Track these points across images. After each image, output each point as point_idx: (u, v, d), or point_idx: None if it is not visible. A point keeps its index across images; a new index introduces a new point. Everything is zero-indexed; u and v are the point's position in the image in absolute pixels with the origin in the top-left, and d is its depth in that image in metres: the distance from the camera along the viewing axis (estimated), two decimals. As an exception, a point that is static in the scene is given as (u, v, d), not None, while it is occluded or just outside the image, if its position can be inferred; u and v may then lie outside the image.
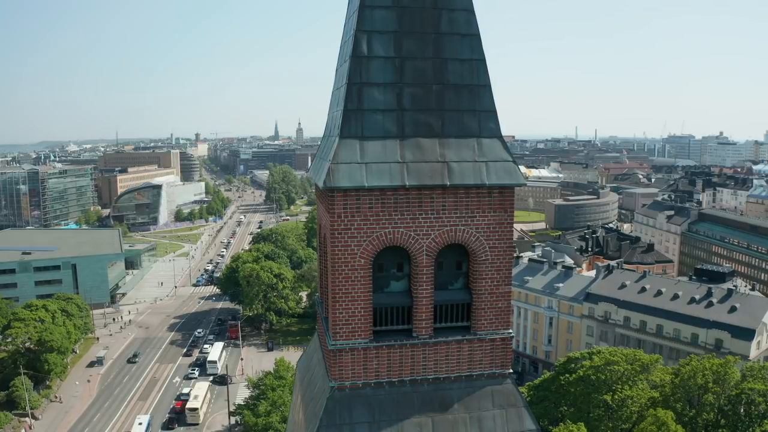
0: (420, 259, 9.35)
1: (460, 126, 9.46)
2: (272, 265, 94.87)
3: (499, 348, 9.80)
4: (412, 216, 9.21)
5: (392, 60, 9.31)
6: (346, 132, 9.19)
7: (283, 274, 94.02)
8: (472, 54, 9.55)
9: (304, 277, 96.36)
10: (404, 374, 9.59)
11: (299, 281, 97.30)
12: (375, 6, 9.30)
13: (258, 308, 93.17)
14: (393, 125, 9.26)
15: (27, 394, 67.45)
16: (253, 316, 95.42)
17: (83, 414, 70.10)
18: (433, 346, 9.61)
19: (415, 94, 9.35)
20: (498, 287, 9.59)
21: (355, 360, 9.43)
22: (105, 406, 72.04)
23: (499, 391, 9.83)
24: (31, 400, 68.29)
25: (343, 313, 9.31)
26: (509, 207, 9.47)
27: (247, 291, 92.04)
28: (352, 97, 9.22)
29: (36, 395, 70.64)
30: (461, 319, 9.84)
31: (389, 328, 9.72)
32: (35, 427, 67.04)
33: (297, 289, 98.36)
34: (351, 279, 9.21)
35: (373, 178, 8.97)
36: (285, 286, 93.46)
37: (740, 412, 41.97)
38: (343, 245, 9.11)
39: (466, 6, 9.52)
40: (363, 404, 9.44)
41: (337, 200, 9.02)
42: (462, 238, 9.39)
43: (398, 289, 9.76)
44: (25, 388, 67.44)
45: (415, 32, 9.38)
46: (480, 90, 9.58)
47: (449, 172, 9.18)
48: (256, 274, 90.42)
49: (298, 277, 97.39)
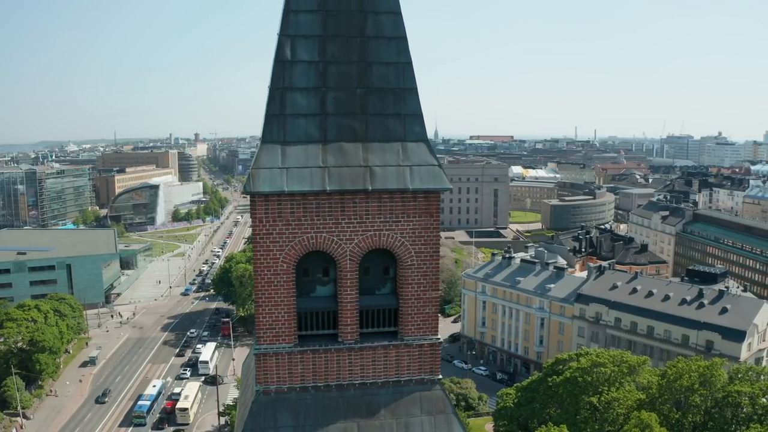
0: (344, 264, 9.32)
1: (385, 130, 9.42)
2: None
3: (427, 354, 9.76)
4: (335, 221, 9.18)
5: (316, 64, 9.28)
6: (268, 137, 9.17)
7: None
8: (398, 57, 9.49)
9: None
10: (330, 379, 9.57)
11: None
12: (300, 10, 9.27)
13: (251, 308, 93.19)
14: (316, 130, 9.24)
15: (18, 394, 67.52)
16: (246, 316, 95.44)
17: (75, 413, 70.17)
18: (359, 351, 9.58)
19: (338, 98, 9.32)
20: (425, 292, 9.55)
21: (279, 364, 9.41)
22: (97, 405, 72.08)
23: (428, 397, 9.77)
24: (22, 399, 68.37)
25: (267, 318, 9.29)
26: (435, 211, 9.42)
27: (240, 291, 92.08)
28: (275, 101, 9.20)
29: (28, 395, 70.73)
30: (389, 324, 9.81)
31: (315, 332, 9.69)
32: (26, 427, 67.10)
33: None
34: (274, 283, 9.18)
35: (293, 183, 8.94)
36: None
37: (727, 414, 41.84)
38: (265, 250, 9.08)
39: (393, 9, 9.47)
40: (288, 409, 9.42)
41: (258, 205, 9.00)
42: (387, 242, 9.35)
43: (324, 294, 9.73)
44: (16, 387, 67.51)
45: (340, 36, 9.35)
46: (406, 93, 9.52)
47: (372, 176, 9.14)
48: (249, 274, 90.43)
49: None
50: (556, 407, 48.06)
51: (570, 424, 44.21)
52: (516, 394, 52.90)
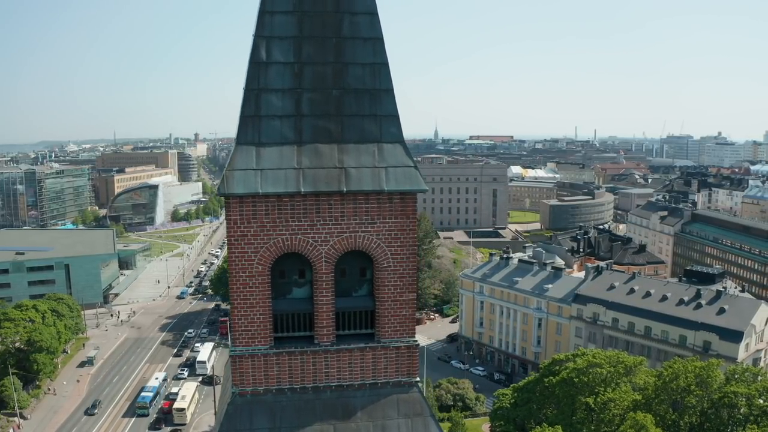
0: (319, 266, 9.28)
1: (361, 131, 9.37)
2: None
3: (404, 356, 9.72)
4: (310, 222, 9.14)
5: (291, 65, 9.24)
6: (243, 138, 9.13)
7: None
8: (374, 58, 9.44)
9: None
10: (306, 381, 9.53)
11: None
12: (275, 11, 9.22)
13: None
14: (291, 131, 9.20)
15: (16, 394, 67.52)
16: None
17: (72, 414, 70.15)
18: (335, 353, 9.54)
19: (314, 99, 9.27)
20: (402, 294, 9.50)
21: (255, 366, 9.38)
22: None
23: (405, 399, 9.73)
24: (20, 400, 68.37)
25: (243, 320, 9.26)
26: (411, 213, 9.37)
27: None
28: (250, 103, 9.16)
29: (25, 395, 70.74)
30: (365, 326, 9.76)
31: (291, 334, 9.65)
32: (24, 427, 67.07)
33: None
34: (249, 285, 9.15)
35: (268, 185, 8.90)
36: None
37: (723, 415, 41.75)
38: (240, 252, 9.05)
39: (369, 9, 9.42)
40: (264, 410, 9.38)
41: (232, 207, 8.96)
42: (362, 244, 9.31)
43: (300, 296, 9.69)
44: (14, 388, 67.52)
45: (315, 37, 9.30)
46: (382, 94, 9.47)
47: (347, 178, 9.10)
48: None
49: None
50: (553, 408, 48.00)
51: (566, 424, 44.17)
52: (512, 394, 52.86)
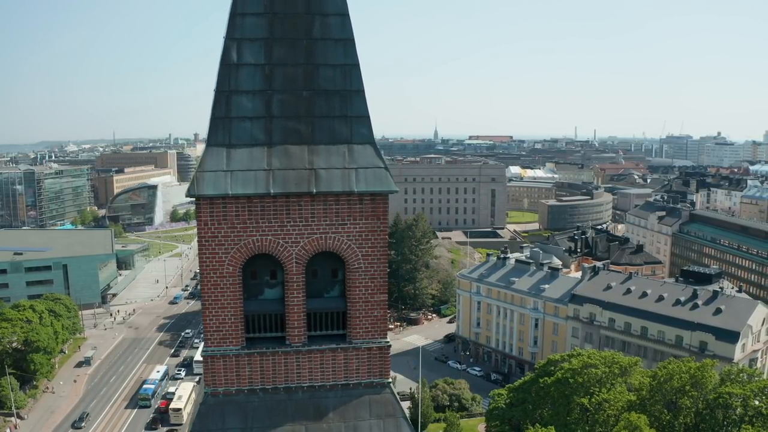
0: (290, 267, 9.32)
1: (331, 132, 9.41)
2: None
3: (376, 357, 9.76)
4: (280, 223, 9.18)
5: (262, 67, 9.28)
6: (213, 140, 9.18)
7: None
8: (345, 59, 9.48)
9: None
10: (278, 382, 9.58)
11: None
12: (246, 13, 9.27)
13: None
14: (261, 132, 9.24)
15: (13, 394, 67.62)
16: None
17: (69, 414, 70.26)
18: (306, 354, 9.58)
19: (284, 100, 9.31)
20: (373, 295, 9.54)
21: (227, 366, 9.42)
22: (91, 405, 72.18)
23: (377, 400, 9.76)
24: (17, 399, 68.47)
25: (214, 320, 9.30)
26: (382, 214, 9.41)
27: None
28: (220, 104, 9.21)
29: (22, 395, 70.84)
30: (337, 327, 9.80)
31: (263, 335, 9.70)
32: (21, 427, 67.19)
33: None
34: (220, 286, 9.19)
35: (237, 186, 8.94)
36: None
37: (718, 416, 41.73)
38: (210, 253, 9.10)
39: (340, 10, 9.46)
40: (236, 411, 9.44)
41: (203, 208, 9.01)
42: (333, 245, 9.35)
43: (272, 297, 9.73)
44: (11, 388, 67.62)
45: (286, 38, 9.34)
46: (353, 95, 9.51)
47: (316, 179, 9.14)
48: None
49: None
50: (548, 408, 48.00)
51: (561, 425, 44.18)
52: (508, 394, 52.91)
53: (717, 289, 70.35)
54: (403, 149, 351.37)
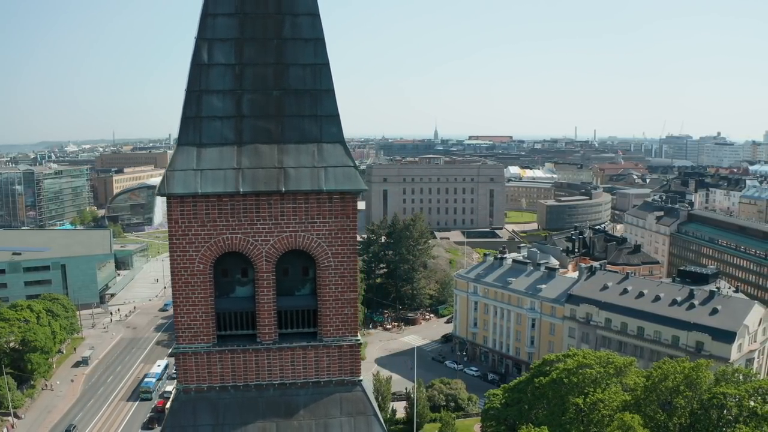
0: (260, 265, 9.39)
1: (301, 131, 9.48)
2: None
3: (347, 355, 9.82)
4: (250, 222, 9.26)
5: (233, 67, 9.36)
6: (184, 139, 9.27)
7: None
8: (315, 58, 9.55)
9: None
10: (249, 379, 9.65)
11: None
12: (217, 14, 9.35)
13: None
14: (231, 132, 9.32)
15: (10, 393, 67.77)
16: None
17: (66, 413, 70.38)
18: (277, 352, 9.65)
19: (254, 100, 9.39)
20: (343, 294, 9.61)
21: (198, 363, 9.51)
22: (88, 405, 72.32)
23: (348, 398, 9.82)
24: (14, 399, 68.61)
25: (185, 318, 9.38)
26: (351, 213, 9.47)
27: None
28: (191, 104, 9.29)
29: (19, 394, 70.99)
30: (308, 325, 9.87)
31: (234, 332, 9.77)
32: (17, 426, 67.30)
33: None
34: (191, 284, 9.27)
35: (207, 185, 9.02)
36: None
37: (713, 416, 41.69)
38: (181, 251, 9.17)
39: (310, 10, 9.53)
40: (208, 407, 9.52)
41: (173, 207, 9.09)
42: (303, 243, 9.42)
43: (243, 295, 9.81)
44: (8, 387, 67.74)
45: (257, 38, 9.42)
46: (322, 95, 9.57)
47: (285, 178, 9.20)
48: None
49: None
50: (544, 408, 48.00)
51: (556, 425, 44.17)
52: (503, 394, 52.93)
53: (714, 289, 70.29)
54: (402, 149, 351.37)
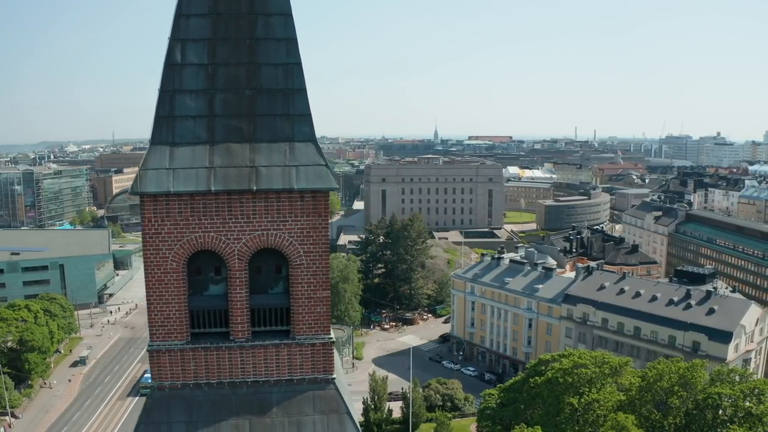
0: (233, 263, 9.47)
1: (273, 130, 9.55)
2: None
3: (319, 353, 9.89)
4: (222, 220, 9.34)
5: (205, 67, 9.44)
6: (157, 138, 9.35)
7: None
8: (287, 58, 9.63)
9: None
10: (222, 376, 9.73)
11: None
12: (191, 14, 9.43)
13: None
14: (203, 131, 9.40)
15: (7, 393, 67.89)
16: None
17: (63, 413, 70.51)
18: (250, 350, 9.73)
19: (227, 99, 9.47)
20: (315, 292, 9.68)
21: (172, 361, 9.59)
22: (85, 405, 72.44)
23: (321, 396, 9.90)
24: (11, 399, 68.74)
25: (159, 315, 9.46)
26: (323, 211, 9.54)
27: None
28: (164, 104, 9.38)
29: (17, 394, 71.12)
30: (281, 323, 9.95)
31: (207, 330, 9.85)
32: (15, 426, 67.39)
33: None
34: (164, 282, 9.35)
35: (179, 184, 9.11)
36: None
37: (708, 416, 41.68)
38: (154, 249, 9.26)
39: (283, 10, 9.61)
40: (181, 404, 9.60)
41: (146, 205, 9.18)
42: (275, 242, 9.49)
43: (217, 293, 9.89)
44: (5, 387, 67.85)
45: (229, 38, 9.50)
46: (295, 94, 9.65)
47: (257, 176, 9.28)
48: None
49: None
50: (539, 408, 48.01)
51: (551, 425, 44.19)
52: (499, 394, 52.98)
53: (710, 289, 70.28)
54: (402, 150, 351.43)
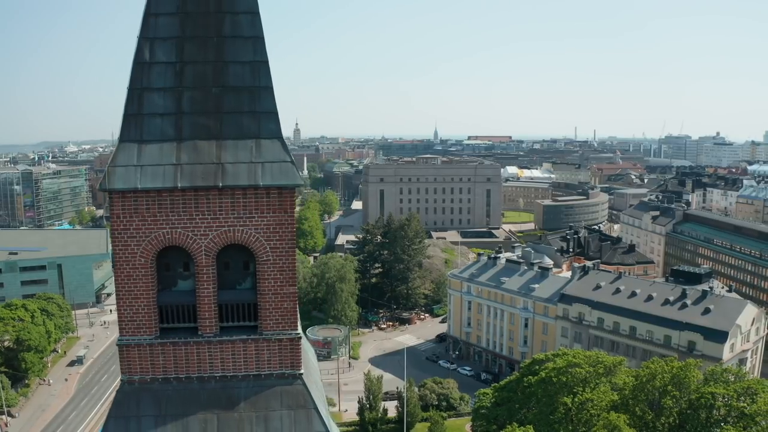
0: (200, 259, 9.58)
1: (239, 127, 9.67)
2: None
3: (287, 348, 10.00)
4: (189, 216, 9.45)
5: (173, 65, 9.55)
6: (126, 136, 9.47)
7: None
8: (254, 56, 9.74)
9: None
10: (191, 371, 9.85)
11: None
12: (159, 13, 9.54)
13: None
14: (171, 128, 9.52)
15: (4, 392, 68.03)
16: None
17: (59, 412, 70.66)
18: (218, 345, 9.84)
19: (194, 97, 9.59)
20: (282, 288, 9.78)
21: (141, 355, 9.72)
22: (81, 404, 72.60)
23: (289, 391, 10.00)
24: (8, 398, 68.88)
25: (128, 310, 9.58)
26: (289, 208, 9.65)
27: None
28: (133, 102, 9.50)
29: (14, 393, 71.28)
30: (249, 318, 10.05)
31: (176, 325, 9.96)
32: (11, 425, 67.53)
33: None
34: (133, 277, 9.47)
35: (146, 180, 9.23)
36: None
37: (701, 416, 41.70)
38: (123, 245, 9.38)
39: (250, 8, 9.73)
40: (151, 398, 9.73)
41: (115, 202, 9.30)
42: (241, 238, 9.60)
43: (185, 288, 10.00)
44: (2, 386, 68.00)
45: (197, 37, 9.62)
46: (261, 91, 9.75)
47: (223, 173, 9.40)
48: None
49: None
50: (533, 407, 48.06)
51: (545, 424, 44.24)
52: (493, 394, 53.04)
53: (706, 288, 70.29)
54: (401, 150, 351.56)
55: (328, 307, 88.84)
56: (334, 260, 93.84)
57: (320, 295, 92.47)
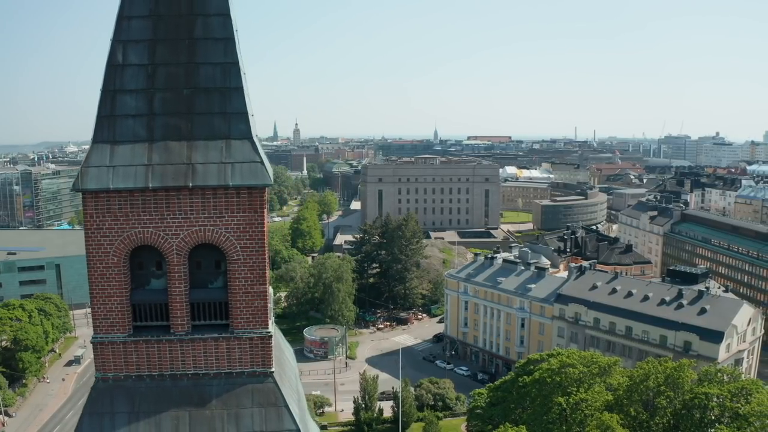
0: (171, 258, 9.74)
1: (210, 128, 9.83)
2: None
3: (258, 346, 10.14)
4: (161, 216, 9.61)
5: (146, 67, 9.71)
6: (99, 137, 9.64)
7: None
8: (225, 57, 9.90)
9: (282, 278, 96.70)
10: (164, 369, 10.00)
11: (277, 282, 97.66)
12: (132, 16, 9.70)
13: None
14: (143, 130, 9.68)
15: (1, 392, 68.22)
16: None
17: (56, 412, 70.65)
18: (189, 343, 9.98)
19: (166, 98, 9.75)
20: (253, 286, 9.93)
21: (115, 353, 9.87)
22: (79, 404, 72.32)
23: (260, 389, 10.15)
24: (5, 398, 69.08)
25: (102, 308, 9.74)
26: (260, 207, 9.80)
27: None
28: (106, 104, 9.67)
29: (11, 393, 71.48)
30: (220, 317, 10.20)
31: (149, 323, 10.11)
32: (8, 425, 67.73)
33: (275, 289, 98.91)
34: (106, 276, 9.63)
35: (118, 180, 9.39)
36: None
37: (695, 416, 41.76)
38: (96, 244, 9.54)
39: (221, 10, 9.89)
40: (124, 395, 9.88)
41: (87, 202, 9.47)
42: (212, 237, 9.76)
43: (158, 287, 10.16)
44: (-1, 386, 68.27)
45: (169, 39, 9.78)
46: (232, 92, 9.91)
47: (193, 173, 9.56)
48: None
49: (276, 277, 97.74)
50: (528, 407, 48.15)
51: (539, 424, 44.33)
52: (488, 393, 53.15)
53: (702, 288, 70.33)
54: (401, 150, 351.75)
55: (326, 307, 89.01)
56: (331, 260, 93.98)
57: (317, 295, 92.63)
